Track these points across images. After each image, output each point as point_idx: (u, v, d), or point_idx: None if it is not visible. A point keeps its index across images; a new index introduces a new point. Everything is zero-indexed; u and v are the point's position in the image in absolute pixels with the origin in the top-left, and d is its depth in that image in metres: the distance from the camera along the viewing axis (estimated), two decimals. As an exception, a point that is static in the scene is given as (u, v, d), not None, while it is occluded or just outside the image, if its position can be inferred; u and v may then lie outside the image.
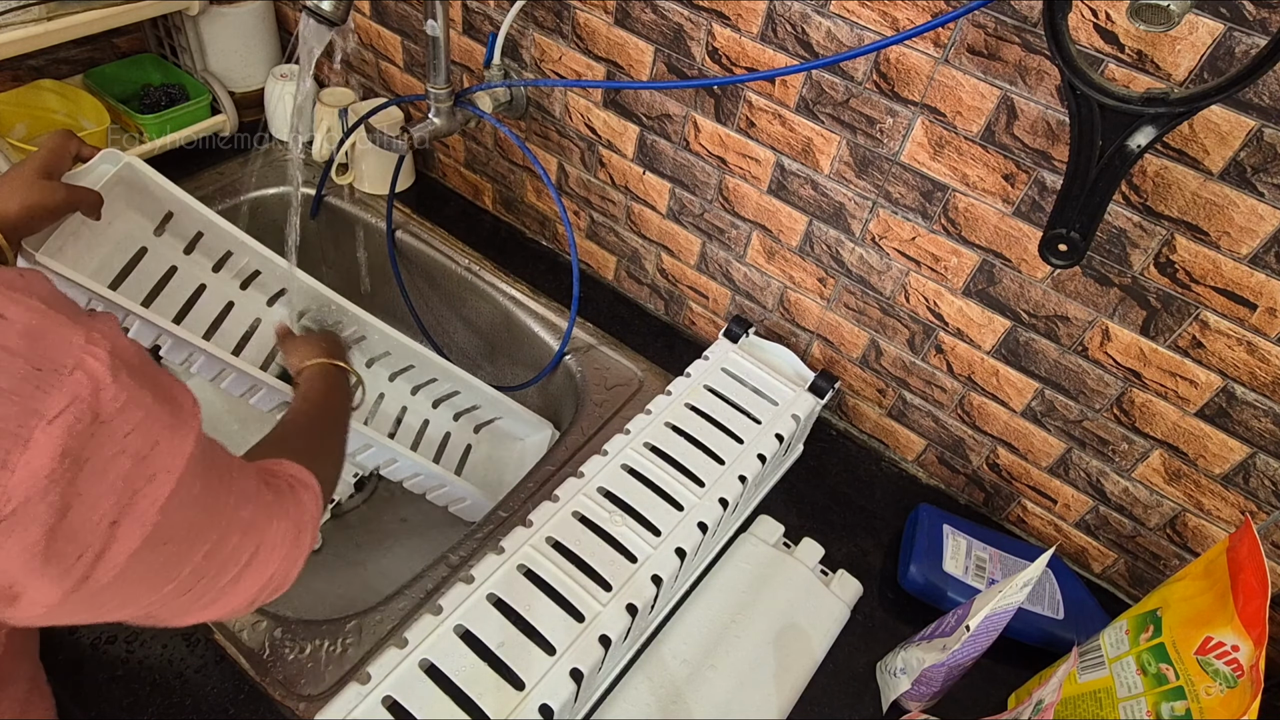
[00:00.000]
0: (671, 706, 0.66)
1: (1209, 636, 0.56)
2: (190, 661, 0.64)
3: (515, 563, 0.62)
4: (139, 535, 0.34)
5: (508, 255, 1.08)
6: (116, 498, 0.33)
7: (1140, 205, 0.64)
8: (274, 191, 1.10)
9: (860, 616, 0.76)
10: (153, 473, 0.34)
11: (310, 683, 0.63)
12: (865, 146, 0.75)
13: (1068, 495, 0.83)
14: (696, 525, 0.68)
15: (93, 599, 0.34)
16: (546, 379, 0.99)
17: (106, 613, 0.37)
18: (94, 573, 0.33)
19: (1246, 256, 0.61)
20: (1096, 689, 0.63)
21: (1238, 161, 0.58)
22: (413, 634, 0.57)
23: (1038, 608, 0.75)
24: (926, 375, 0.85)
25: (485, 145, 1.08)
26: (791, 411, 0.80)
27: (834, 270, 0.85)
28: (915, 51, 0.68)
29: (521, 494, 0.80)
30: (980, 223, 0.72)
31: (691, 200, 0.91)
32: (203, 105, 1.10)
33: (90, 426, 0.31)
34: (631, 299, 1.07)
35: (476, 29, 0.96)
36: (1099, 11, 0.58)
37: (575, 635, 0.59)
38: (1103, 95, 0.51)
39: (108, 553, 0.33)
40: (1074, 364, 0.75)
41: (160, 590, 0.38)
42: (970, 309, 0.78)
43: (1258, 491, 0.71)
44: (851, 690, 0.71)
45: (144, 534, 0.34)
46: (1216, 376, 0.68)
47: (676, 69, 0.82)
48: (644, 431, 0.74)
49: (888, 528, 0.85)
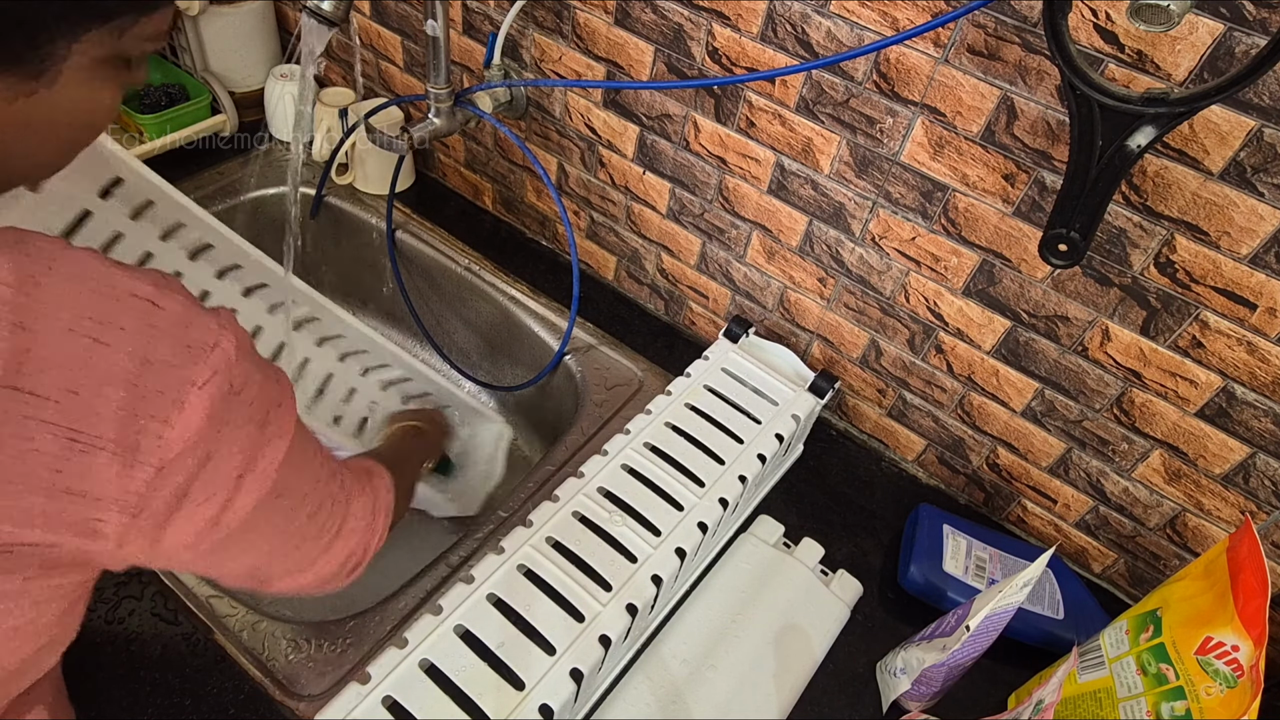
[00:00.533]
0: (671, 706, 0.66)
1: (1209, 636, 0.56)
2: (190, 661, 0.64)
3: (515, 563, 0.62)
4: (260, 488, 0.41)
5: (508, 255, 1.08)
6: (244, 455, 0.39)
7: (1140, 205, 0.64)
8: (274, 191, 1.10)
9: (860, 616, 0.76)
10: (269, 437, 0.41)
11: (310, 683, 0.63)
12: (865, 146, 0.75)
13: (1068, 495, 0.83)
14: (696, 525, 0.68)
15: (220, 543, 0.41)
16: (546, 379, 0.99)
17: (229, 559, 0.43)
18: (223, 517, 0.39)
19: (1246, 256, 0.61)
20: (1096, 689, 0.63)
21: (1238, 161, 0.58)
22: (413, 634, 0.58)
23: (1038, 608, 0.75)
24: (926, 375, 0.85)
25: (485, 145, 1.08)
26: (791, 411, 0.80)
27: (834, 270, 0.85)
28: (915, 51, 0.68)
29: (521, 494, 0.80)
30: (980, 223, 0.72)
31: (691, 200, 0.91)
32: (203, 105, 1.10)
33: (227, 395, 0.38)
34: (631, 299, 1.07)
35: (476, 29, 0.96)
36: (1099, 11, 0.58)
37: (575, 635, 0.59)
38: (1103, 95, 0.51)
39: (234, 502, 0.40)
40: (1074, 364, 0.75)
41: (274, 541, 0.45)
42: (970, 309, 0.78)
43: (1258, 491, 0.71)
44: (851, 690, 0.71)
45: (265, 487, 0.41)
46: (1216, 376, 0.68)
47: (676, 69, 0.83)
48: (644, 431, 0.74)
49: (888, 528, 0.85)
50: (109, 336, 0.34)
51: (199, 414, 0.36)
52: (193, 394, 0.36)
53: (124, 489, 0.35)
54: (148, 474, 0.35)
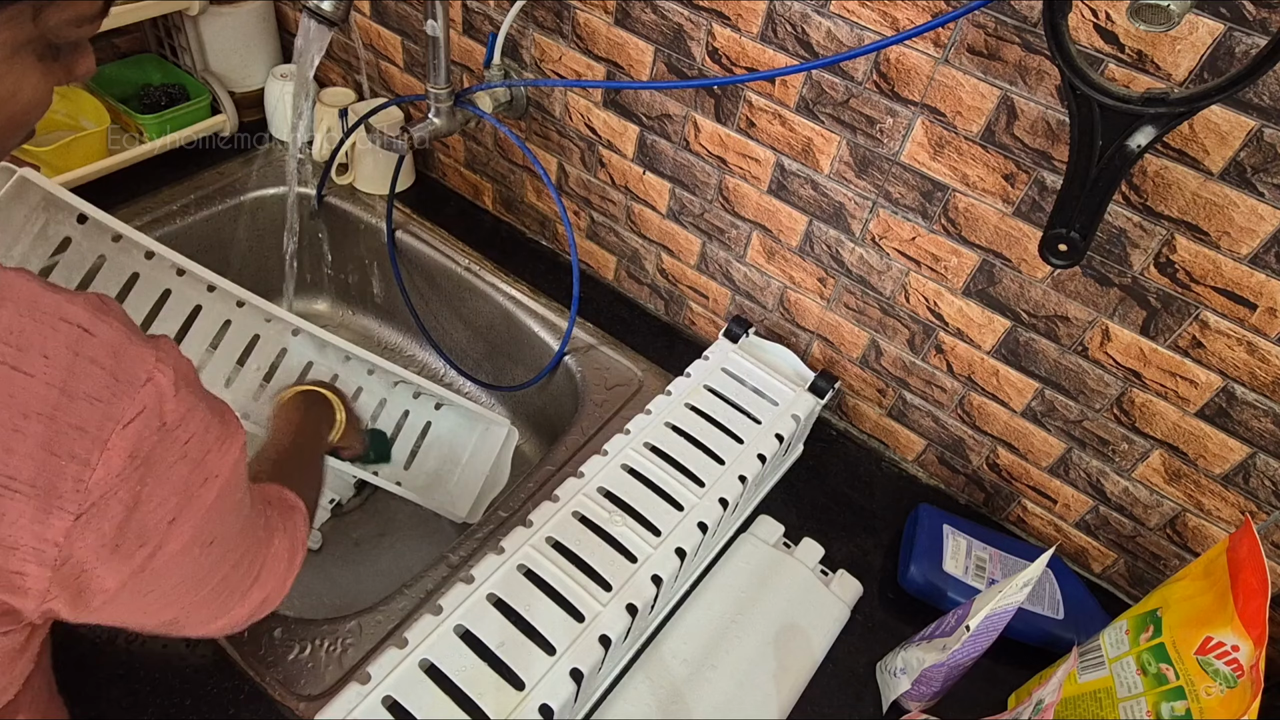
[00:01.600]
0: (671, 706, 0.66)
1: (1209, 636, 0.56)
2: (190, 661, 0.64)
3: (515, 563, 0.62)
4: (190, 533, 0.38)
5: (508, 255, 1.08)
6: (177, 498, 0.36)
7: (1140, 205, 0.64)
8: (274, 191, 1.10)
9: (860, 616, 0.76)
10: (205, 477, 0.38)
11: (310, 683, 0.63)
12: (865, 146, 0.75)
13: (1068, 495, 0.83)
14: (696, 525, 0.68)
15: (142, 592, 0.37)
16: (546, 379, 0.99)
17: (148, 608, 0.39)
18: (150, 564, 0.36)
19: (1246, 256, 0.61)
20: (1096, 689, 0.63)
21: (1238, 161, 0.58)
22: (413, 634, 0.57)
23: (1038, 608, 0.75)
24: (926, 375, 0.85)
25: (485, 145, 1.08)
26: (791, 411, 0.80)
27: (834, 270, 0.85)
28: (915, 51, 0.68)
29: (521, 494, 0.80)
30: (980, 223, 0.72)
31: (691, 200, 0.91)
32: (203, 105, 1.10)
33: (157, 433, 0.35)
34: (631, 299, 1.07)
35: (476, 29, 0.96)
36: (1099, 11, 0.58)
37: (575, 635, 0.59)
38: (1103, 95, 0.51)
39: (163, 548, 0.37)
40: (1074, 364, 0.75)
41: (197, 592, 0.41)
42: (970, 309, 0.78)
43: (1258, 491, 0.71)
44: (851, 690, 0.71)
45: (194, 532, 0.38)
46: (1216, 376, 0.68)
47: (676, 69, 0.83)
48: (644, 431, 0.74)
49: (888, 528, 0.85)
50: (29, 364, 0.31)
51: (121, 455, 0.33)
52: (116, 432, 0.33)
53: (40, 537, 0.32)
54: (65, 521, 0.32)
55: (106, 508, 0.33)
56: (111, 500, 0.33)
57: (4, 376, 0.31)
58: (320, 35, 0.74)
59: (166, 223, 1.01)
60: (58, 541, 0.32)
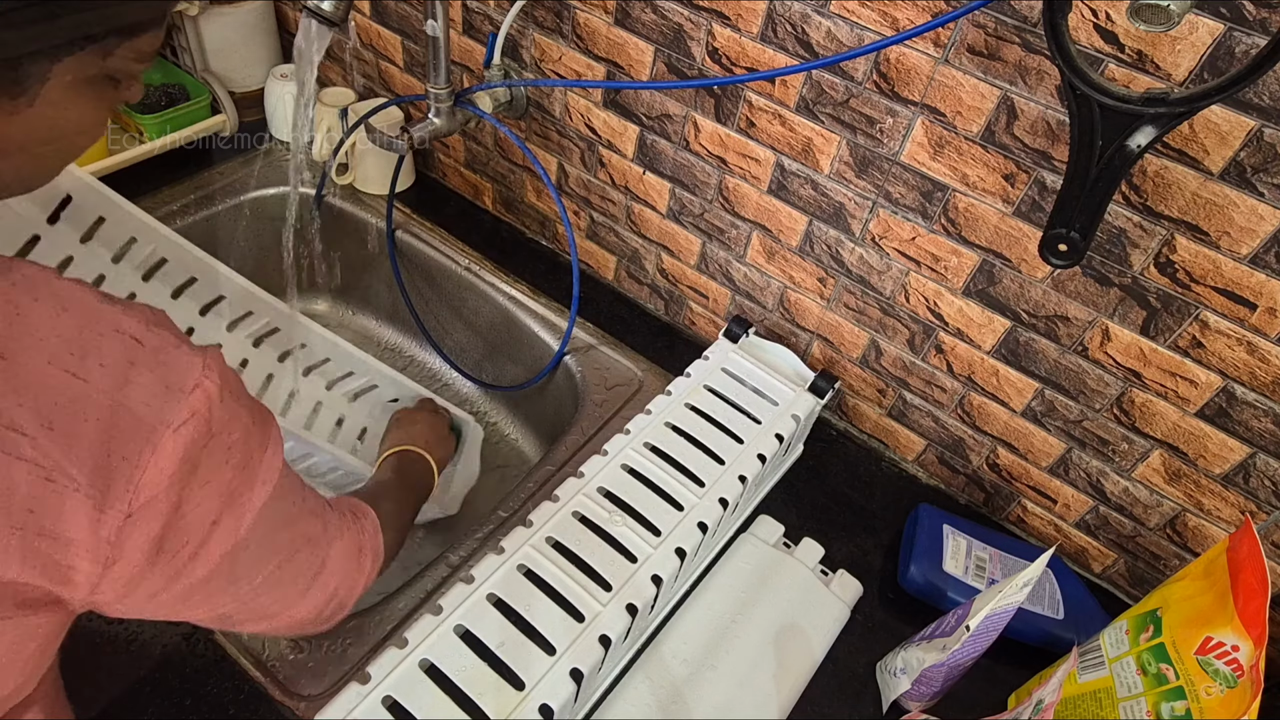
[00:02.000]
0: (671, 706, 0.66)
1: (1209, 636, 0.56)
2: (190, 661, 0.64)
3: (515, 563, 0.62)
4: (232, 537, 0.39)
5: (508, 255, 1.08)
6: (220, 501, 0.38)
7: (1140, 205, 0.64)
8: (274, 191, 1.10)
9: (860, 616, 0.76)
10: (250, 482, 0.40)
11: (310, 683, 0.63)
12: (865, 146, 0.75)
13: (1068, 495, 0.83)
14: (696, 525, 0.68)
15: (185, 591, 0.39)
16: (546, 379, 0.99)
17: (192, 606, 0.41)
18: (190, 566, 0.38)
19: (1246, 256, 0.61)
20: (1096, 689, 0.63)
21: (1238, 161, 0.58)
22: (413, 634, 0.57)
23: (1038, 608, 0.75)
24: (926, 375, 0.85)
25: (485, 145, 1.08)
26: (791, 411, 0.80)
27: (834, 270, 0.85)
28: (915, 51, 0.68)
29: (521, 494, 0.80)
30: (980, 223, 0.72)
31: (691, 200, 0.91)
32: (203, 105, 1.10)
33: (205, 438, 0.37)
34: (631, 299, 1.07)
35: (476, 29, 0.96)
36: (1099, 11, 0.58)
37: (575, 635, 0.59)
38: (1103, 95, 0.51)
39: (204, 550, 0.38)
40: (1074, 364, 0.75)
41: (238, 592, 0.43)
42: (970, 309, 0.78)
43: (1258, 491, 0.71)
44: (851, 690, 0.71)
45: (236, 536, 0.39)
46: (1216, 376, 0.68)
47: (676, 69, 0.83)
48: (644, 431, 0.74)
49: (888, 528, 0.85)
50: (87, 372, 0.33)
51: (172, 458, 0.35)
52: (167, 436, 0.35)
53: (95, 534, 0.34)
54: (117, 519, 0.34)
55: (155, 507, 0.35)
56: (160, 500, 0.35)
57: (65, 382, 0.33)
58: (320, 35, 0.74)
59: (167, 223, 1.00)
60: (110, 539, 0.34)
